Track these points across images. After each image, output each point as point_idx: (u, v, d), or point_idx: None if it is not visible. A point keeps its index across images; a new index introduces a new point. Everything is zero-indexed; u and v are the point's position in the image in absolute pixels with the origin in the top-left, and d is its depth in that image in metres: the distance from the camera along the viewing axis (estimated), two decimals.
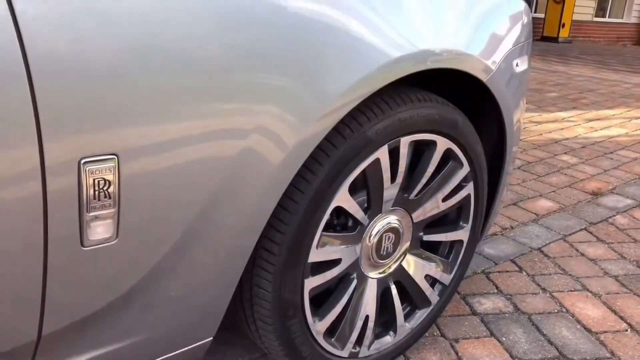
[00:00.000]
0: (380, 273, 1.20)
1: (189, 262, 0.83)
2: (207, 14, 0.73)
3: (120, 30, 0.66)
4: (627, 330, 1.48)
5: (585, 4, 11.38)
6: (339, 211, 1.04)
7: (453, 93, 1.28)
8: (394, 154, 1.07)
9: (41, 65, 0.62)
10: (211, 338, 0.97)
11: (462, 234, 1.32)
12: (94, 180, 0.69)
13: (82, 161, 0.67)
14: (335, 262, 1.08)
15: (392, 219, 1.16)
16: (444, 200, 1.23)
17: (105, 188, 0.70)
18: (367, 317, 1.19)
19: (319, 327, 1.10)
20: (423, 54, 1.01)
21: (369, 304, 1.19)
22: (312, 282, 1.05)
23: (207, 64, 0.73)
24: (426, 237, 1.26)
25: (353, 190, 1.03)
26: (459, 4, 1.14)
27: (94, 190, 0.69)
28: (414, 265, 1.25)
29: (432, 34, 1.05)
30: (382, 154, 1.04)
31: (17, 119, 0.61)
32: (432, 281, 1.31)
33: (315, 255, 1.02)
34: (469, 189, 1.27)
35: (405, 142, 1.08)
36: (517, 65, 1.29)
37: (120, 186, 0.71)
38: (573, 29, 10.74)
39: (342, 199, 1.01)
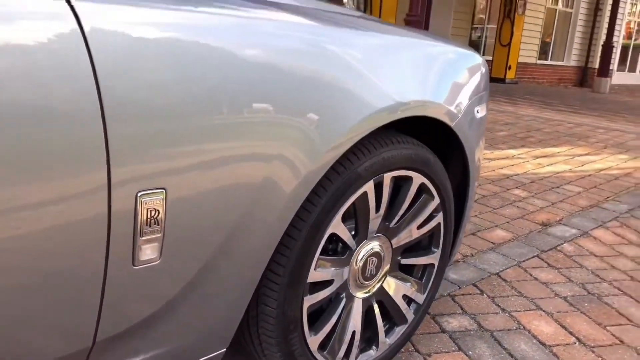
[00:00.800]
0: (365, 293, 1.36)
1: (215, 277, 0.97)
2: (242, 75, 0.90)
3: (170, 82, 0.82)
4: (575, 344, 1.67)
5: (530, 47, 12.10)
6: (332, 237, 1.21)
7: (426, 136, 1.48)
8: (378, 188, 1.25)
9: (113, 111, 0.77)
10: (225, 349, 1.11)
11: (433, 258, 1.50)
12: (147, 209, 0.83)
13: (139, 194, 0.82)
14: (328, 283, 1.24)
15: (375, 245, 1.33)
16: (418, 228, 1.41)
17: (155, 216, 0.85)
18: (354, 332, 1.35)
19: (314, 340, 1.25)
20: (398, 105, 1.20)
21: (355, 321, 1.34)
22: (310, 300, 1.20)
23: (239, 109, 0.90)
24: (403, 261, 1.43)
25: (344, 218, 1.20)
26: (431, 66, 1.34)
27: (146, 218, 0.84)
28: (393, 286, 1.42)
29: (406, 88, 1.24)
30: (369, 187, 1.22)
31: (91, 157, 0.76)
32: (408, 300, 1.48)
33: (313, 276, 1.18)
34: (439, 218, 1.46)
35: (387, 178, 1.26)
36: (477, 112, 1.50)
37: (166, 214, 0.86)
38: (519, 70, 11.39)
39: (337, 226, 1.18)
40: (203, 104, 0.86)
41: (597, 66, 12.42)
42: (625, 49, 15.38)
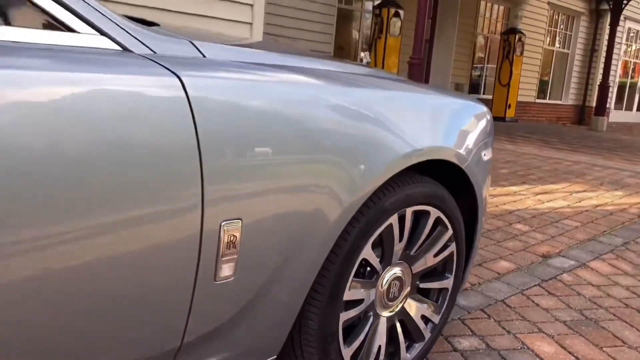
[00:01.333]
0: (389, 312, 1.57)
1: (272, 293, 1.19)
2: (305, 128, 1.14)
3: (251, 139, 1.05)
4: None
5: (528, 86, 12.46)
6: (362, 262, 1.42)
7: (441, 175, 1.70)
8: (401, 220, 1.47)
9: (211, 148, 0.99)
10: (275, 356, 1.31)
11: (447, 283, 1.71)
12: (228, 236, 1.05)
13: (223, 223, 1.04)
14: (359, 302, 1.45)
15: (397, 270, 1.54)
16: (434, 256, 1.63)
17: (233, 241, 1.07)
18: (379, 346, 1.55)
19: (347, 352, 1.45)
20: (416, 151, 1.43)
21: (381, 337, 1.55)
22: (345, 316, 1.41)
23: (301, 155, 1.13)
24: (422, 285, 1.64)
25: (372, 246, 1.42)
26: (450, 117, 1.58)
27: (227, 243, 1.06)
28: (413, 307, 1.63)
29: (423, 136, 1.48)
30: (394, 220, 1.44)
31: (184, 190, 0.98)
32: (426, 320, 1.68)
33: (348, 295, 1.39)
34: (452, 247, 1.67)
35: (409, 212, 1.48)
36: (484, 155, 1.73)
37: (241, 240, 1.08)
38: (518, 109, 11.72)
39: (367, 253, 1.40)
40: (275, 151, 1.09)
41: (594, 105, 12.76)
42: (622, 87, 15.76)
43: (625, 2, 11.30)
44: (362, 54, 5.93)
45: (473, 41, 11.17)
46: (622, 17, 12.12)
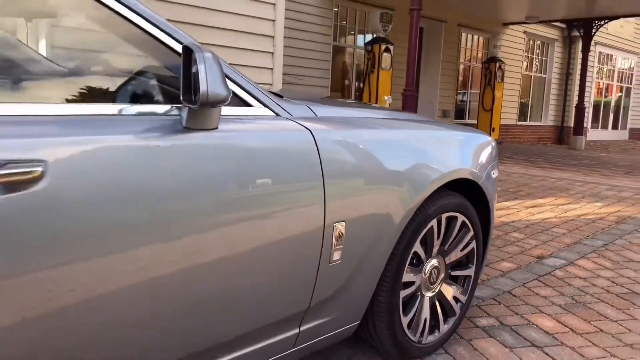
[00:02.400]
0: (431, 293, 2.10)
1: (361, 273, 1.72)
2: (383, 159, 1.69)
3: (349, 161, 1.61)
4: (569, 332, 2.41)
5: (510, 110, 13.23)
6: (413, 254, 1.96)
7: (462, 190, 2.26)
8: (438, 224, 2.02)
9: (329, 174, 1.54)
10: (359, 322, 1.84)
11: (470, 271, 2.25)
12: (337, 232, 1.59)
13: (335, 224, 1.58)
14: (411, 283, 1.99)
15: (435, 261, 2.09)
16: (461, 250, 2.18)
17: (340, 236, 1.61)
18: (425, 319, 2.08)
19: (404, 320, 1.98)
20: (446, 173, 1.98)
21: (425, 311, 2.08)
22: (403, 294, 1.94)
23: (383, 177, 1.68)
24: (452, 273, 2.19)
25: (420, 243, 1.96)
26: (465, 146, 2.15)
27: (337, 237, 1.60)
28: (447, 290, 2.17)
29: (449, 162, 2.04)
30: (434, 223, 1.99)
31: (315, 201, 1.52)
32: (456, 299, 2.22)
33: (405, 277, 1.93)
34: (473, 244, 2.22)
35: (444, 217, 2.03)
36: (493, 174, 2.30)
37: (345, 235, 1.62)
38: (502, 132, 12.43)
39: (417, 247, 1.94)
40: (365, 176, 1.64)
41: (572, 125, 13.52)
42: (597, 107, 16.63)
43: (594, 30, 12.16)
44: (386, 98, 6.61)
45: (456, 70, 11.93)
46: (592, 42, 12.98)
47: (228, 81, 1.40)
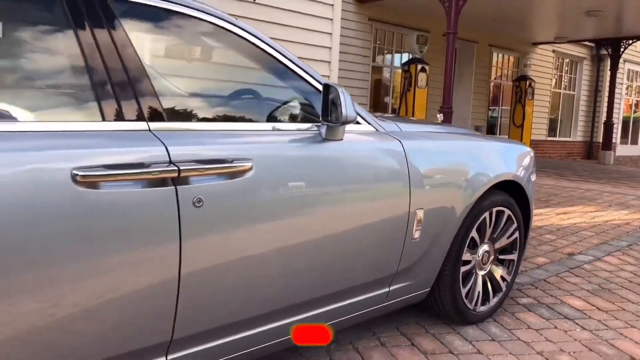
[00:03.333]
0: (483, 272, 2.64)
1: (433, 250, 2.28)
2: (452, 162, 2.26)
3: (427, 164, 2.17)
4: (595, 310, 2.91)
5: (540, 126, 13.64)
6: (471, 239, 2.50)
7: (507, 190, 2.80)
8: (490, 216, 2.56)
9: (413, 180, 2.10)
10: (429, 289, 2.39)
11: (514, 256, 2.78)
12: (417, 217, 2.15)
13: (416, 210, 2.14)
14: (468, 262, 2.53)
15: (486, 246, 2.63)
16: (507, 238, 2.71)
17: (420, 220, 2.16)
18: (478, 292, 2.61)
19: (463, 291, 2.52)
20: (496, 175, 2.53)
21: (479, 287, 2.61)
22: (462, 269, 2.48)
23: (445, 178, 2.24)
24: (500, 256, 2.72)
25: (476, 230, 2.50)
26: (509, 155, 2.70)
27: (417, 220, 2.16)
28: (496, 270, 2.70)
29: (498, 167, 2.58)
30: (487, 215, 2.53)
31: (404, 192, 2.09)
32: (502, 279, 2.75)
33: (464, 257, 2.47)
34: (516, 234, 2.75)
35: (494, 210, 2.58)
36: (532, 177, 2.84)
37: (423, 219, 2.18)
38: (532, 147, 12.80)
39: (473, 234, 2.49)
40: (439, 175, 2.20)
41: (601, 140, 13.86)
42: (626, 123, 16.88)
43: (622, 49, 12.55)
44: (438, 115, 7.21)
45: (488, 87, 12.43)
46: (621, 60, 13.36)
47: None
